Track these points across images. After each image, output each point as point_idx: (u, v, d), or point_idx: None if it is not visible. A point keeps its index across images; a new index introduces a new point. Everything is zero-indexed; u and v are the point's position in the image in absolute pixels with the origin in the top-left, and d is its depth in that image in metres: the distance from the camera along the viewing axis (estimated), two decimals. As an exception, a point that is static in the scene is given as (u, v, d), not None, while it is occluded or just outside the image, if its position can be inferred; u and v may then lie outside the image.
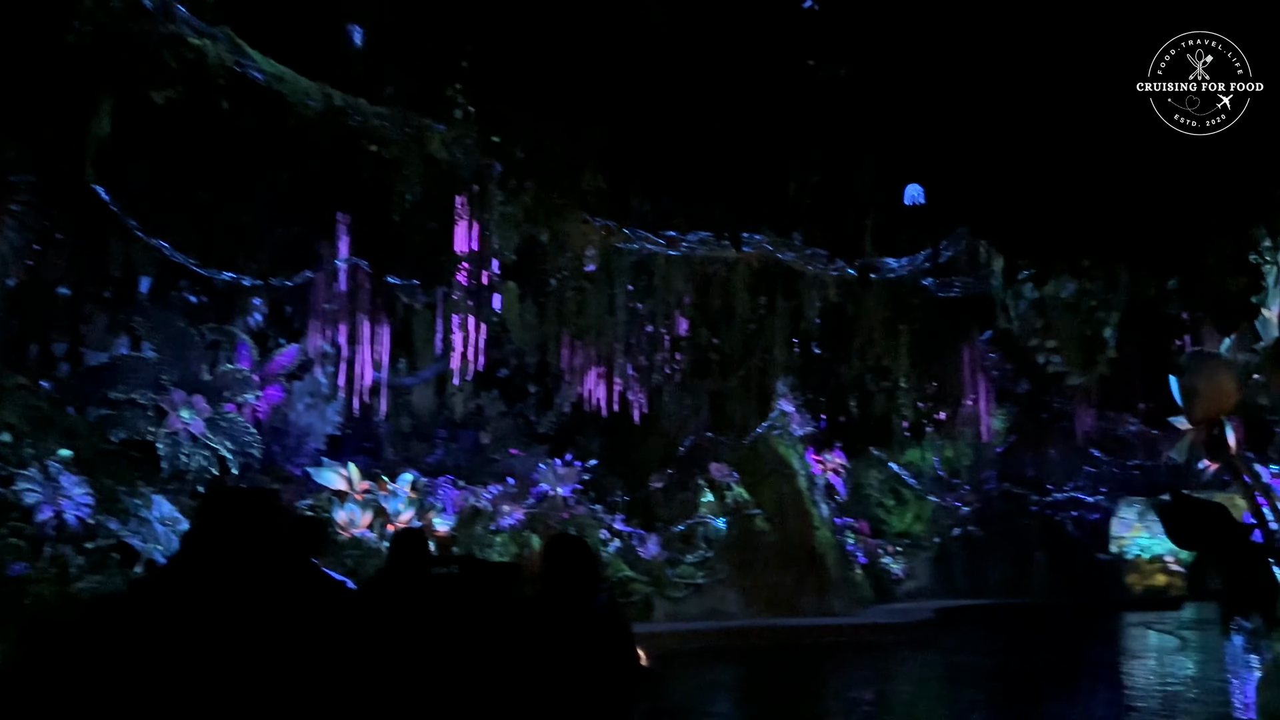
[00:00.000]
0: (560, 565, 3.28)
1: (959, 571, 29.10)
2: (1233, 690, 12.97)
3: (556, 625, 3.10)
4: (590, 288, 13.95)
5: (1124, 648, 18.58)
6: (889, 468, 27.56)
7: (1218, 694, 12.64)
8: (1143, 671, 14.70)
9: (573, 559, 3.32)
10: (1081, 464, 28.11)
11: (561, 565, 3.28)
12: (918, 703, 12.16)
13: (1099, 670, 14.77)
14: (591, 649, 3.08)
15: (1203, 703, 11.80)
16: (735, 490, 18.61)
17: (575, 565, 3.29)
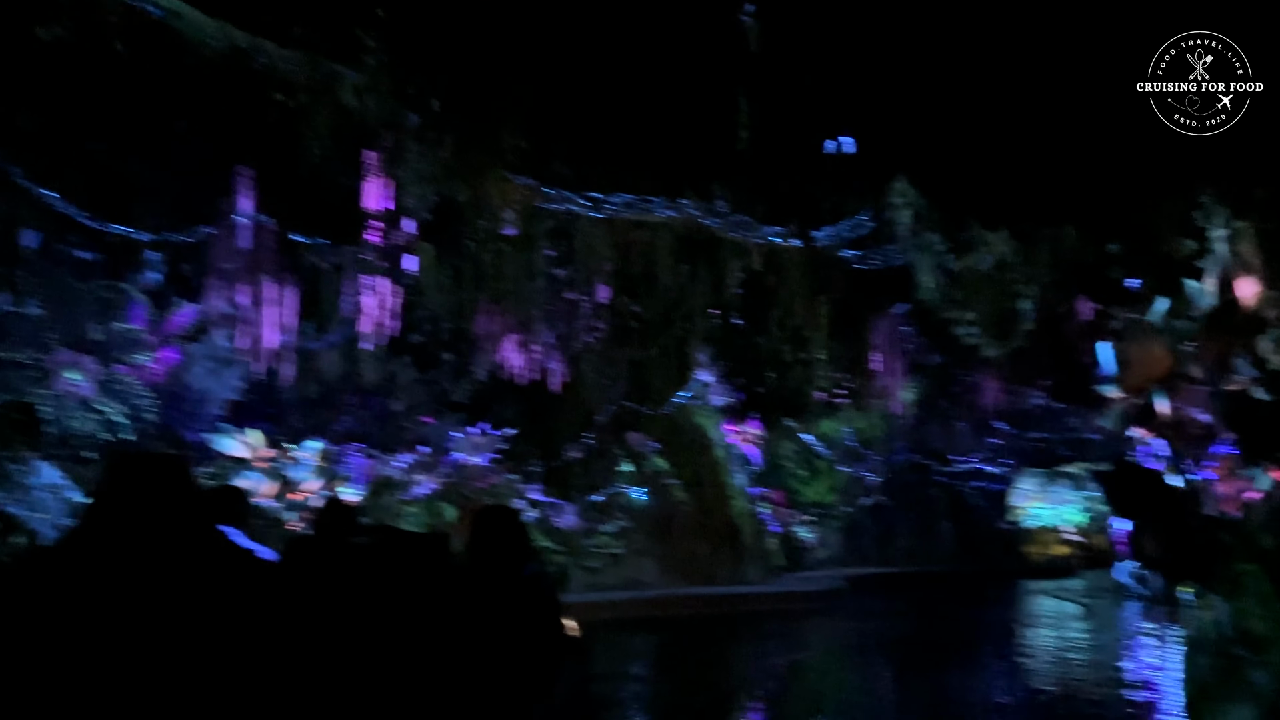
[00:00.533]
0: (489, 535, 3.20)
1: (868, 540, 29.66)
2: (1128, 655, 13.45)
3: (484, 596, 3.02)
4: (509, 251, 13.52)
5: (1026, 614, 19.12)
6: (803, 439, 27.83)
7: (1114, 658, 13.07)
8: (1044, 637, 15.09)
9: (502, 529, 3.24)
10: (986, 436, 28.85)
11: (490, 535, 3.20)
12: (829, 669, 12.23)
13: (1002, 636, 15.12)
14: (519, 619, 3.02)
15: (1101, 666, 12.13)
16: (654, 460, 18.45)
17: (504, 535, 3.21)
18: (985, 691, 10.20)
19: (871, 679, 11.81)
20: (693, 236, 13.41)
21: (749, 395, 22.71)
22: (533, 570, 3.22)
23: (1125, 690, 10.14)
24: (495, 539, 3.20)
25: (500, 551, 3.16)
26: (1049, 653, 13.32)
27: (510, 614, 3.01)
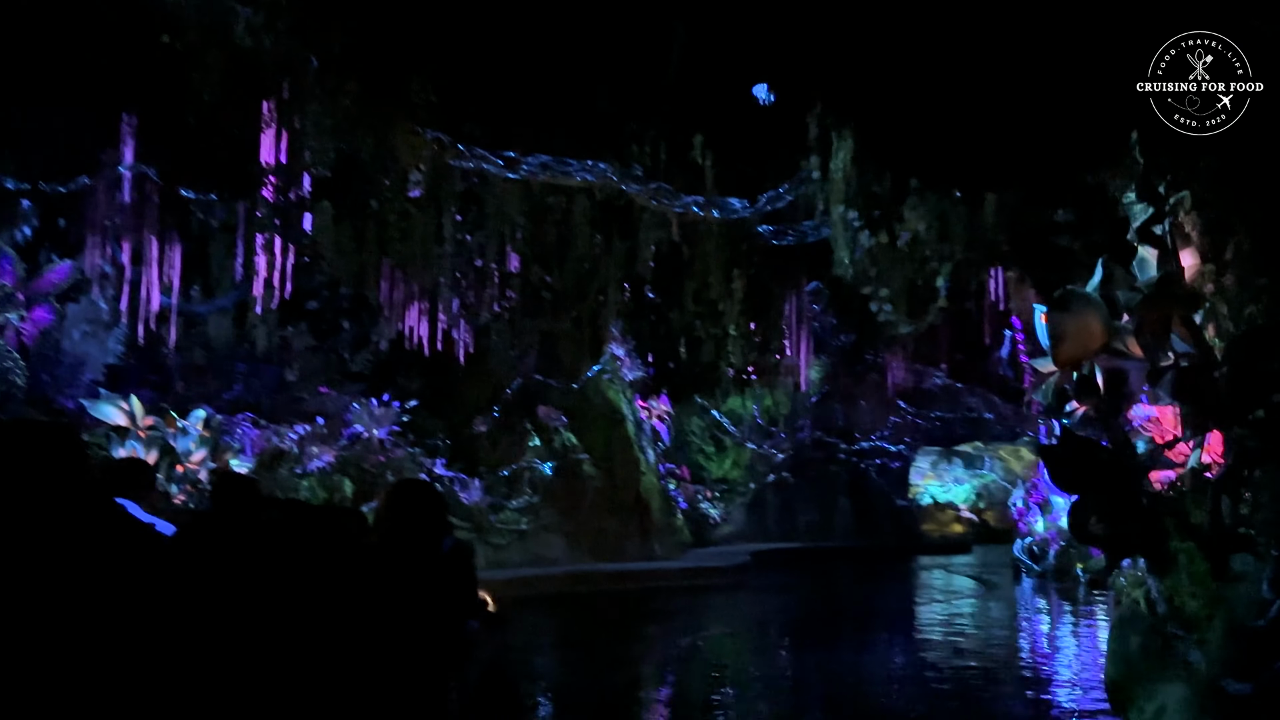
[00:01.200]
0: (405, 510, 3.13)
1: (771, 516, 29.96)
2: (1025, 630, 13.76)
3: (399, 571, 2.95)
4: (416, 212, 12.84)
5: (925, 589, 19.47)
6: (711, 415, 27.83)
7: (1011, 632, 13.33)
8: (942, 612, 15.32)
9: (418, 504, 3.16)
10: (888, 415, 29.33)
11: (406, 510, 3.13)
12: (735, 645, 12.08)
13: (901, 611, 15.31)
14: (435, 595, 2.97)
15: (996, 640, 12.32)
16: (563, 435, 18.05)
17: (420, 510, 3.14)
18: (883, 666, 10.19)
19: (775, 653, 11.71)
20: (612, 202, 12.95)
21: (659, 370, 22.50)
22: (450, 545, 3.14)
23: (1020, 663, 10.29)
24: (411, 514, 3.11)
25: (416, 526, 3.07)
26: (948, 627, 13.48)
27: (426, 590, 2.94)
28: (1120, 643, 5.18)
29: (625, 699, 8.69)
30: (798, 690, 9.23)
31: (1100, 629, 13.25)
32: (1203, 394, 4.21)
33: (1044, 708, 8.03)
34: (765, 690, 9.07)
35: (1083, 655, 10.90)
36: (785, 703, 8.61)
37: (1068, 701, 8.13)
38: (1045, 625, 13.66)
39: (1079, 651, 11.26)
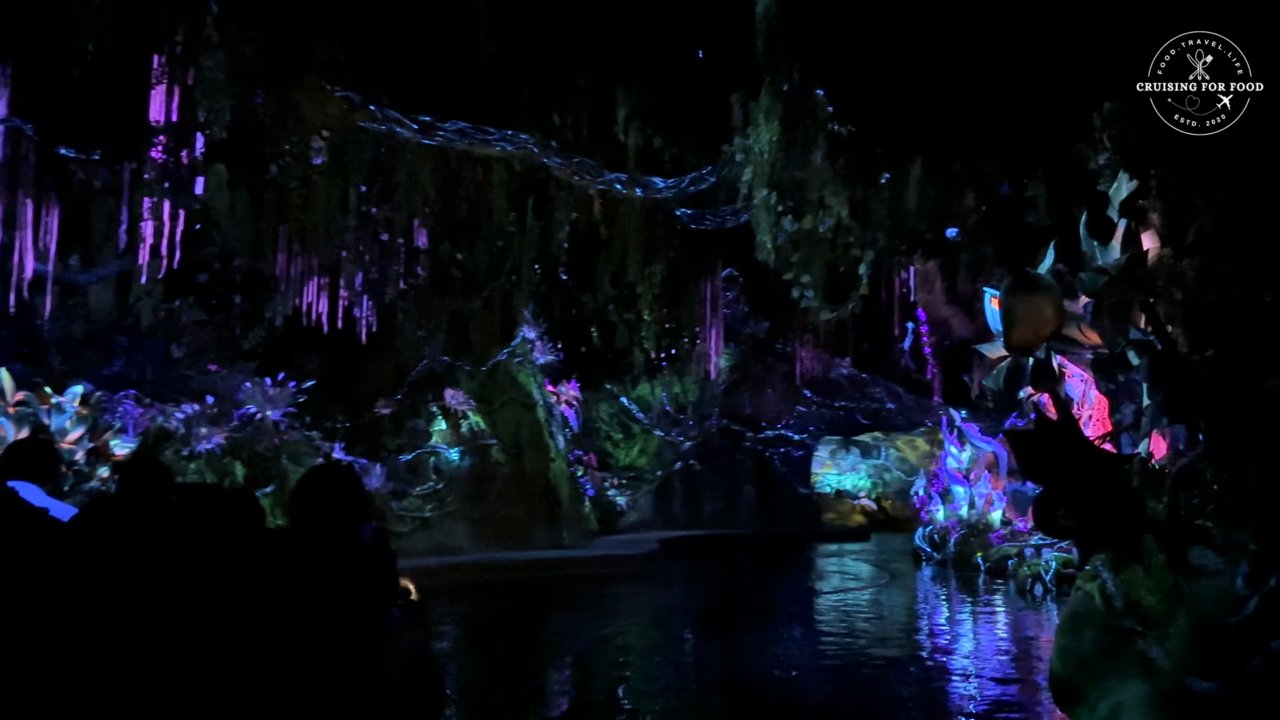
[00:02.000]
0: (320, 495, 2.97)
1: (678, 504, 29.88)
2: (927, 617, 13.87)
3: (316, 559, 2.82)
4: (320, 179, 12.07)
5: (829, 577, 19.57)
6: (620, 402, 27.53)
7: (913, 619, 13.40)
8: (846, 601, 15.38)
9: (334, 489, 3.00)
10: (794, 404, 29.52)
11: (322, 495, 2.97)
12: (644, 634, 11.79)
13: (809, 600, 15.29)
14: (354, 583, 2.83)
15: (898, 629, 12.35)
16: (471, 419, 17.44)
17: (337, 495, 2.98)
18: (795, 653, 10.05)
19: (690, 643, 11.44)
20: (531, 176, 12.42)
21: (569, 355, 22.04)
22: (370, 532, 2.98)
23: (922, 651, 10.26)
24: (327, 499, 2.96)
25: (333, 513, 2.92)
26: (853, 615, 13.48)
27: (344, 578, 2.81)
28: (1071, 638, 5.01)
29: (539, 691, 8.30)
30: (711, 680, 8.99)
31: (999, 617, 13.50)
32: (1182, 380, 4.04)
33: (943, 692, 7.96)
34: (681, 680, 8.80)
35: (985, 643, 10.98)
36: (697, 692, 8.36)
37: (970, 687, 8.08)
38: (946, 613, 13.78)
39: (981, 639, 11.32)
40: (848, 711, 7.49)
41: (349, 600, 2.79)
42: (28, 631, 2.10)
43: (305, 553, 2.82)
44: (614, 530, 24.88)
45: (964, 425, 23.18)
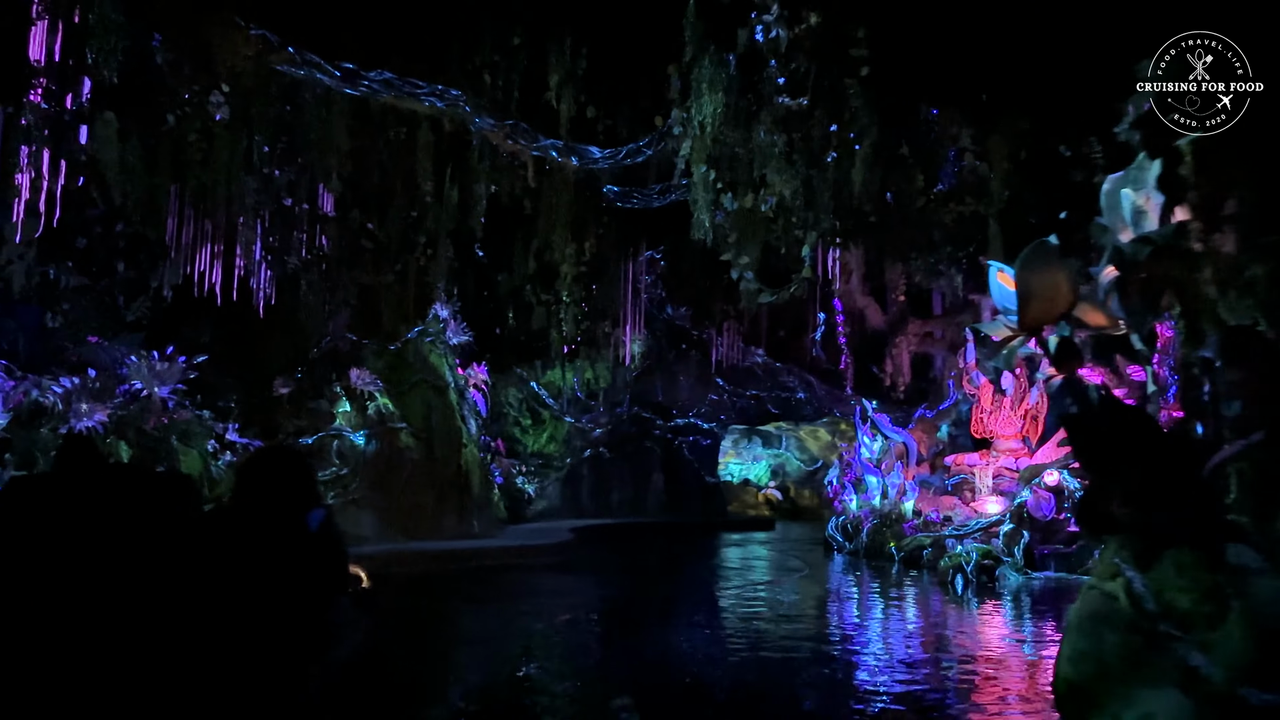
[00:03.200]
0: (265, 479, 2.86)
1: (586, 492, 29.26)
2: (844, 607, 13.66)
3: (259, 546, 2.73)
4: (222, 132, 10.96)
5: (745, 567, 19.29)
6: (530, 387, 26.71)
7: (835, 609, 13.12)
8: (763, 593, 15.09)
9: (279, 473, 2.90)
10: (707, 392, 29.23)
11: (266, 479, 2.86)
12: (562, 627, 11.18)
13: (728, 590, 14.94)
14: (301, 572, 2.75)
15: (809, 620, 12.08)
16: (378, 400, 16.42)
17: (282, 480, 2.88)
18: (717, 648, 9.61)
19: (613, 636, 10.84)
20: (459, 137, 11.55)
21: (479, 337, 21.12)
22: (319, 518, 2.88)
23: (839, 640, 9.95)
24: (271, 483, 2.84)
25: (278, 498, 2.82)
26: (775, 606, 13.15)
27: (289, 567, 2.72)
28: (1089, 641, 4.60)
29: (462, 688, 7.61)
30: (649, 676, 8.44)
31: (911, 606, 13.35)
32: (1260, 359, 3.65)
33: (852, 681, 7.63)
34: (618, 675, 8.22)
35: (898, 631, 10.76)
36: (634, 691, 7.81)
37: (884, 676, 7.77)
38: (880, 604, 13.57)
39: (910, 630, 11.10)
40: (787, 704, 7.04)
41: (295, 589, 2.67)
42: None
43: (248, 539, 2.68)
44: (522, 519, 24.13)
45: (875, 415, 23.26)
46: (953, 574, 15.52)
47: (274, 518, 2.79)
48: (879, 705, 6.82)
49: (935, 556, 18.31)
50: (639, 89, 12.91)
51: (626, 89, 12.96)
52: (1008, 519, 18.18)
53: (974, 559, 15.84)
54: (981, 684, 7.60)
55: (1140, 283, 4.46)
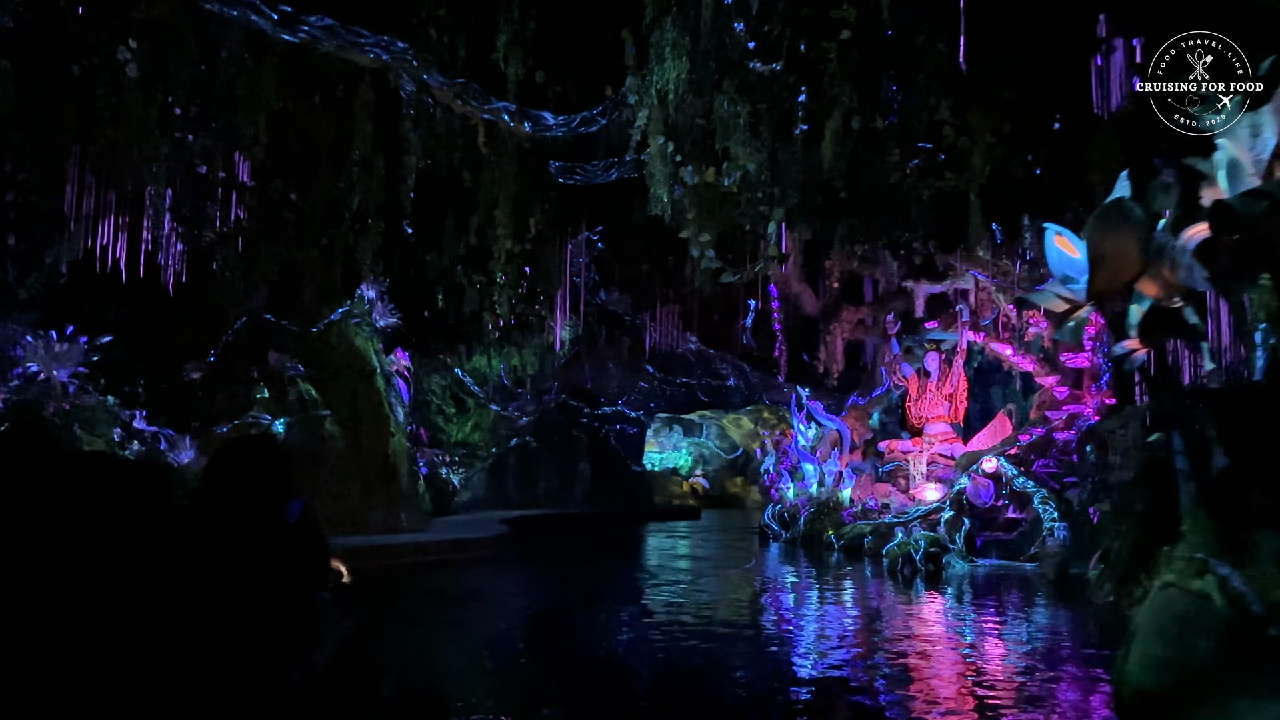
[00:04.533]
0: (240, 469, 2.69)
1: (512, 482, 28.41)
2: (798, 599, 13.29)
3: (234, 540, 2.55)
4: (133, 85, 9.82)
5: (691, 559, 18.80)
6: (454, 373, 25.68)
7: (789, 601, 12.68)
8: (718, 580, 14.62)
9: (255, 462, 2.72)
10: (637, 379, 28.64)
11: (241, 469, 2.69)
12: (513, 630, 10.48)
13: (684, 580, 14.43)
14: (279, 567, 2.58)
15: (779, 611, 11.65)
16: (300, 386, 15.31)
17: (258, 470, 2.70)
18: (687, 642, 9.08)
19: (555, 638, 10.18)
20: (390, 99, 10.61)
21: (407, 319, 20.07)
22: (298, 511, 2.71)
23: (794, 630, 9.52)
24: (247, 474, 2.68)
25: (254, 489, 2.66)
26: (734, 600, 12.68)
27: (266, 561, 2.56)
28: (1174, 647, 4.12)
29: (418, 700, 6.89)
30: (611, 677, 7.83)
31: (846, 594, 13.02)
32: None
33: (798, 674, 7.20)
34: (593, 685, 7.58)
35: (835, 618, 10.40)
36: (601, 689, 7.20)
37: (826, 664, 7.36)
38: (824, 595, 13.18)
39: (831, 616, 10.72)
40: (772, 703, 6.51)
41: (273, 584, 2.55)
42: None
43: (222, 533, 2.55)
44: (447, 511, 23.16)
45: (810, 403, 23.03)
46: (901, 563, 15.29)
47: (251, 510, 2.63)
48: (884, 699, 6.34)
49: (877, 545, 18.12)
50: (591, 54, 12.17)
51: (578, 53, 12.21)
52: (947, 506, 18.10)
53: (922, 547, 15.64)
54: (976, 681, 7.19)
55: (1238, 245, 3.99)
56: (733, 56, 10.68)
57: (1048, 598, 12.72)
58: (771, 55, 9.60)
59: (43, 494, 2.42)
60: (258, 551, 2.57)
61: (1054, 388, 19.83)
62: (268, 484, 2.71)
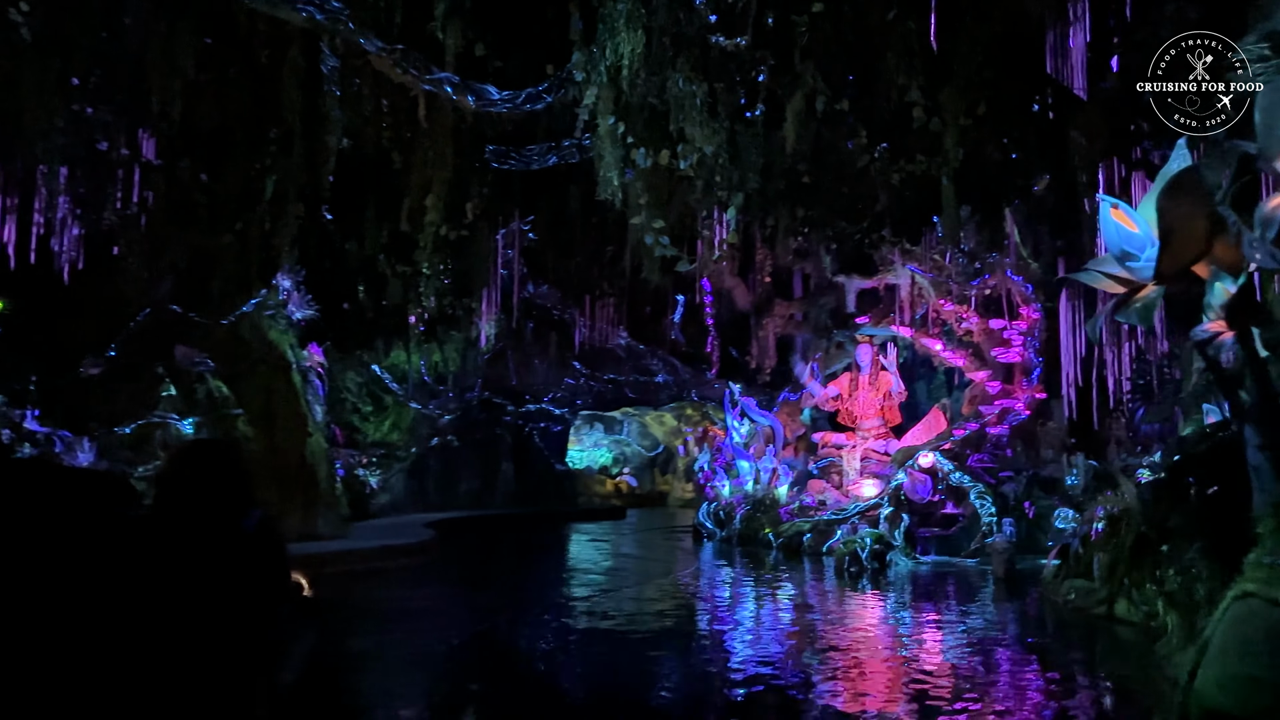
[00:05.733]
0: (195, 477, 2.49)
1: (432, 483, 27.34)
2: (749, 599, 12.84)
3: (190, 552, 2.38)
4: (30, 51, 8.73)
5: (638, 560, 18.21)
6: (372, 370, 24.51)
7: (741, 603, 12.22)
8: (669, 582, 14.08)
9: (211, 469, 2.52)
10: (563, 375, 27.89)
11: (196, 476, 2.49)
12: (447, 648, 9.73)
13: (633, 582, 13.88)
14: (239, 580, 2.42)
15: (729, 613, 11.19)
16: (210, 383, 14.17)
17: (215, 477, 2.50)
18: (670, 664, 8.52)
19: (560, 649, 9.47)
20: (347, 59, 9.69)
21: (324, 311, 18.92)
22: (256, 521, 2.54)
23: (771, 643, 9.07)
24: (202, 481, 2.48)
25: (210, 497, 2.47)
26: (690, 609, 12.16)
27: (225, 574, 2.41)
28: (1258, 664, 3.69)
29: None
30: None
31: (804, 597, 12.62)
32: None
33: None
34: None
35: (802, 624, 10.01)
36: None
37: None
38: (776, 596, 12.75)
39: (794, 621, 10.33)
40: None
41: (233, 599, 2.41)
42: None
43: (177, 545, 2.39)
44: (366, 515, 22.03)
45: (743, 399, 22.67)
46: (848, 561, 14.95)
47: (207, 520, 2.46)
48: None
49: (817, 543, 17.81)
50: (535, 26, 11.46)
51: (520, 25, 11.47)
52: (886, 502, 17.92)
53: (869, 545, 15.36)
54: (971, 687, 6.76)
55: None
56: (690, 31, 10.10)
57: (1001, 595, 12.55)
58: (737, 29, 9.04)
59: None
60: (217, 564, 2.41)
61: (985, 382, 19.89)
62: (226, 491, 2.52)
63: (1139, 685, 6.98)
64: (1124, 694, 6.83)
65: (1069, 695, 6.66)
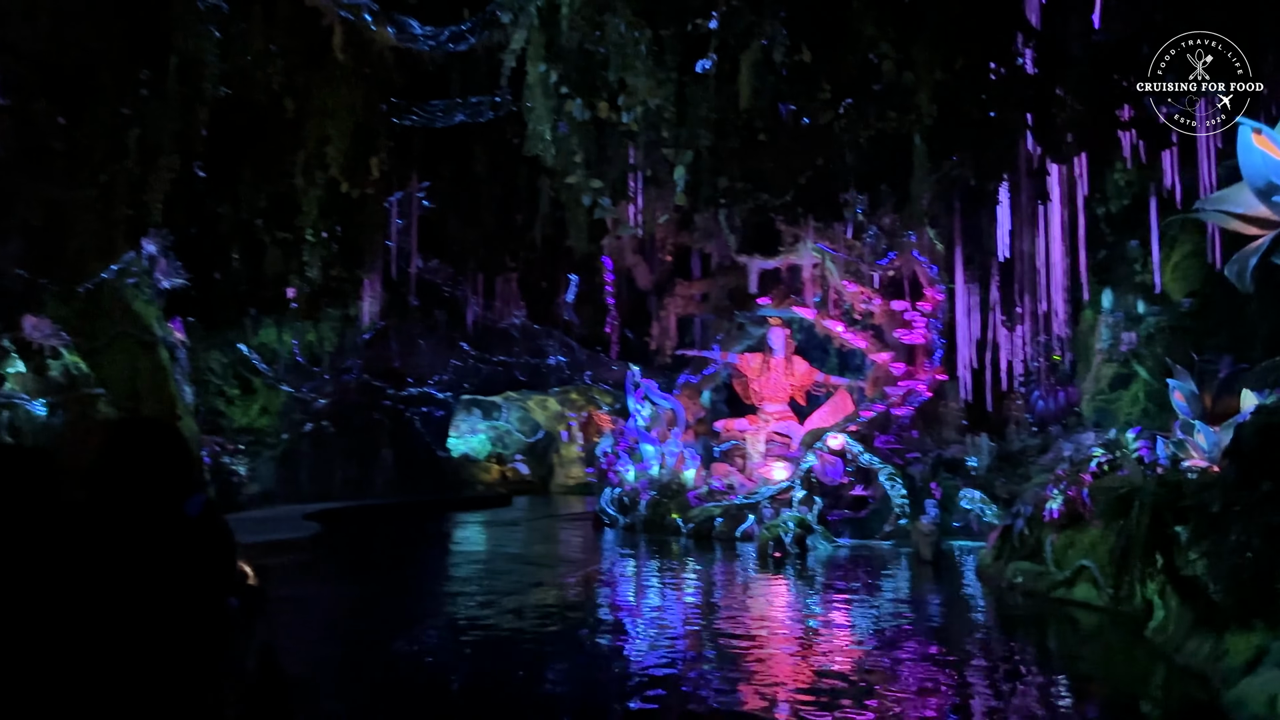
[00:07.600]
0: (133, 458, 2.27)
1: (305, 472, 25.47)
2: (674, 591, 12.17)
3: (128, 539, 2.21)
4: None
5: (535, 549, 17.23)
6: (238, 349, 22.54)
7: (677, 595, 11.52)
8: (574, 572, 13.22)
9: (150, 449, 2.31)
10: (449, 357, 26.49)
11: (134, 458, 2.27)
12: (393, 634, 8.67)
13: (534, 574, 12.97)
14: (181, 569, 2.24)
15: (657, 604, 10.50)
16: (65, 359, 12.35)
17: (154, 458, 2.29)
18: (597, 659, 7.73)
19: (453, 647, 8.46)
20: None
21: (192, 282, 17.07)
22: (199, 505, 2.33)
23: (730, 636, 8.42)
24: (141, 463, 2.27)
25: (149, 480, 2.27)
26: (618, 605, 11.38)
27: (166, 563, 2.23)
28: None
29: None
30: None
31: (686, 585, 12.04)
32: None
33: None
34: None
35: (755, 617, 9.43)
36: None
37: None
38: (705, 585, 12.10)
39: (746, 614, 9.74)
40: None
41: (175, 589, 2.24)
42: None
43: (114, 531, 2.22)
44: (236, 506, 20.18)
45: (644, 382, 21.95)
46: (772, 545, 14.42)
47: (147, 504, 2.23)
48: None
49: (729, 528, 17.30)
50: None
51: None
52: (798, 485, 17.58)
53: (791, 529, 14.88)
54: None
55: None
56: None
57: (931, 578, 12.28)
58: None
59: None
60: (157, 553, 2.23)
61: (889, 364, 19.83)
62: (168, 474, 2.32)
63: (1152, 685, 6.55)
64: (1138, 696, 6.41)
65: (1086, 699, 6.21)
